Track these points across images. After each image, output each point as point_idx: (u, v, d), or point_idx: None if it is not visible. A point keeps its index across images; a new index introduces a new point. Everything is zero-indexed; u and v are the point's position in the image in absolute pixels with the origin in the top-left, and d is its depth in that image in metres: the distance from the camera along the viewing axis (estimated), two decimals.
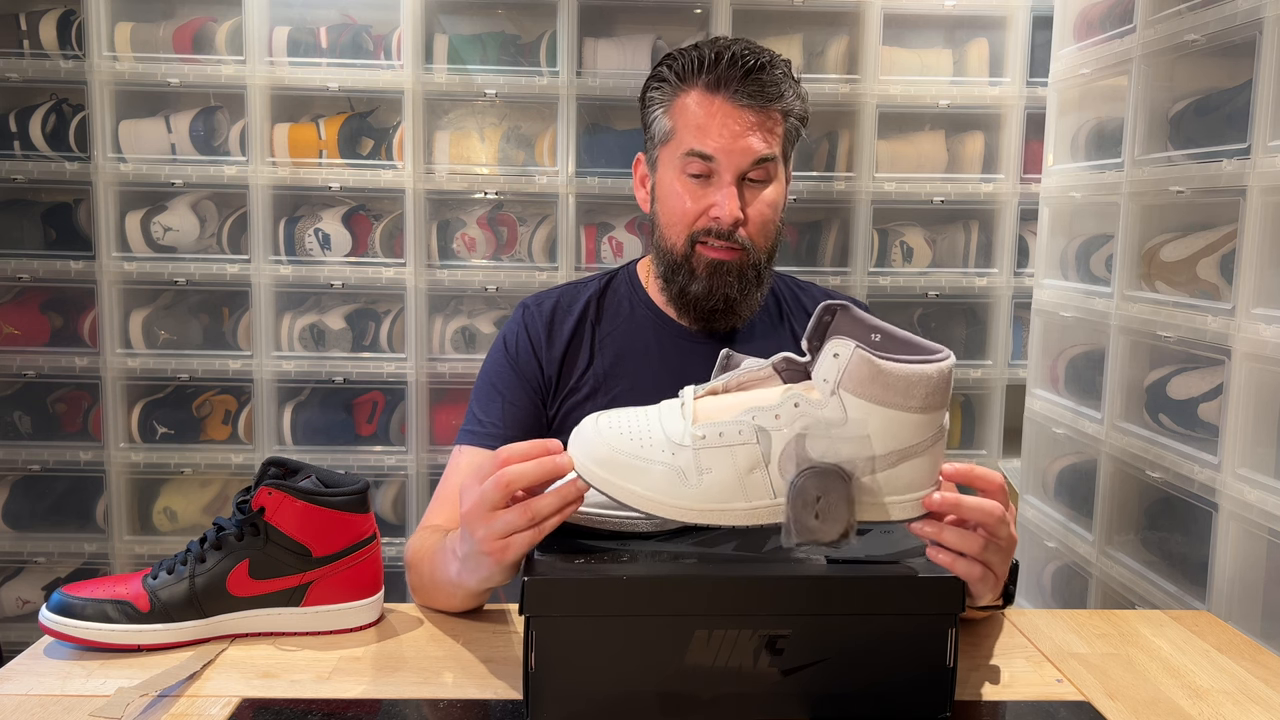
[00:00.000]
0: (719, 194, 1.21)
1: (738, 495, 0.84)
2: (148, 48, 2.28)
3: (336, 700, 0.92)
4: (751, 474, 0.84)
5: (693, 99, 1.21)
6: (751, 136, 1.20)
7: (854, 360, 0.80)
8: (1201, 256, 1.57)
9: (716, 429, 0.83)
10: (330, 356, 2.34)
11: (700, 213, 1.22)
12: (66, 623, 0.98)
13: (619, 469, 0.85)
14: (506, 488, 0.88)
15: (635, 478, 0.85)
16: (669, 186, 1.25)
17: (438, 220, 2.37)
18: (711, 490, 0.84)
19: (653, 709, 0.87)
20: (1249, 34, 1.42)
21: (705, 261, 1.23)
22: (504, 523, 0.88)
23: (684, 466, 0.84)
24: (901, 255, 2.40)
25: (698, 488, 0.84)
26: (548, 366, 1.30)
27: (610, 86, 2.30)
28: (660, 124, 1.25)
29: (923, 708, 0.88)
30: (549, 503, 0.88)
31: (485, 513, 0.89)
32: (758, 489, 0.84)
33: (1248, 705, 0.96)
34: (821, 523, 0.82)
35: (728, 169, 1.20)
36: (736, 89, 1.19)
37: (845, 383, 0.81)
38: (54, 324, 2.36)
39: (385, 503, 2.40)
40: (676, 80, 1.23)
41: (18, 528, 2.36)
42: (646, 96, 1.28)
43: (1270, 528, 1.33)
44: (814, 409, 0.82)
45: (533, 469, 0.88)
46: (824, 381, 0.81)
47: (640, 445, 0.85)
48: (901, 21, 2.37)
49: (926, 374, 0.81)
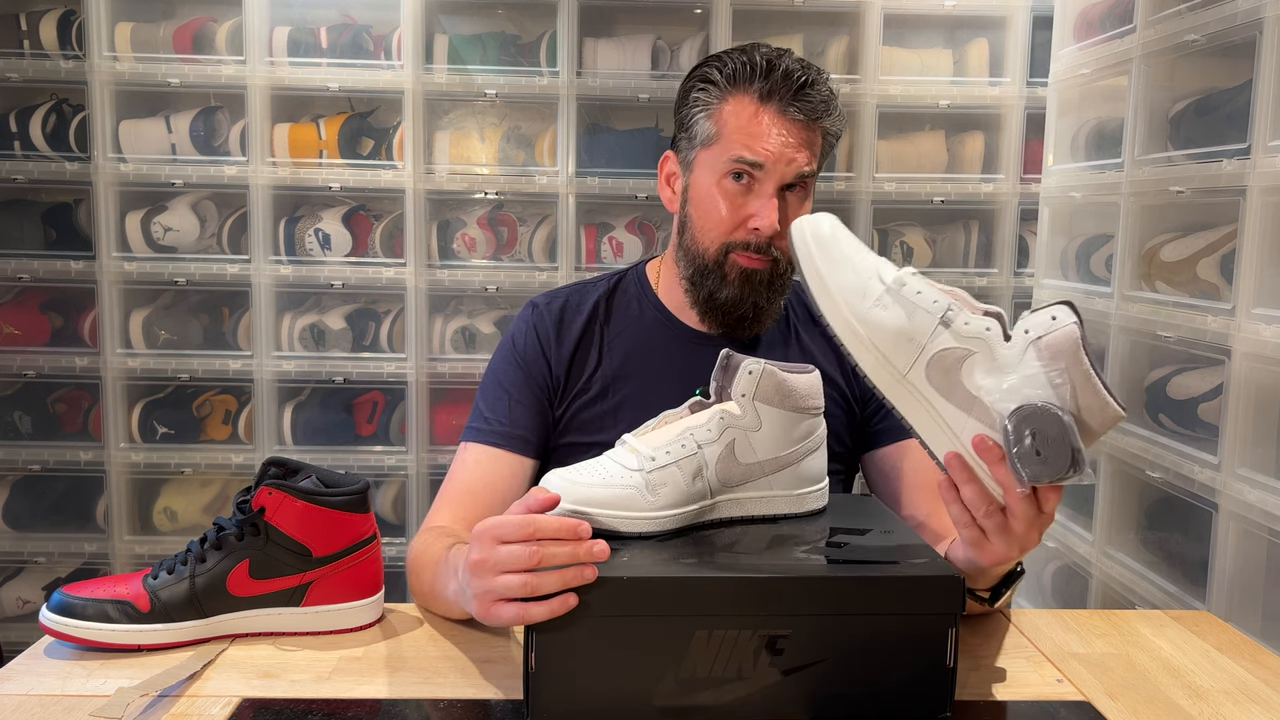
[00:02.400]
0: (759, 203, 1.19)
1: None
2: (148, 48, 2.28)
3: (336, 700, 0.92)
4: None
5: (743, 105, 1.20)
6: (799, 150, 1.19)
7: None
8: (1201, 256, 1.57)
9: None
10: (330, 356, 2.34)
11: (738, 222, 1.21)
12: (67, 623, 0.98)
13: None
14: (536, 564, 0.85)
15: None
16: (705, 190, 1.23)
17: (438, 220, 2.37)
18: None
19: (653, 710, 0.87)
20: (1249, 34, 1.42)
21: (739, 269, 1.22)
22: (504, 586, 0.86)
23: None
24: (901, 255, 2.40)
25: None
26: (556, 366, 1.30)
27: (610, 86, 2.30)
28: (702, 126, 1.22)
29: (923, 708, 0.89)
30: (552, 584, 0.85)
31: (491, 573, 0.87)
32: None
33: (1248, 705, 0.96)
34: (1045, 458, 0.84)
35: (771, 179, 1.19)
36: (789, 101, 1.18)
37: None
38: (54, 324, 2.36)
39: (385, 503, 2.40)
40: (726, 84, 1.21)
41: (18, 528, 2.36)
42: (689, 96, 1.25)
43: (1270, 528, 1.33)
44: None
45: (565, 554, 0.85)
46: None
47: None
48: (901, 21, 2.37)
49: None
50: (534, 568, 0.85)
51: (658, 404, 1.06)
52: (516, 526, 0.86)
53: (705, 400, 1.02)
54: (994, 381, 0.87)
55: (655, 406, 1.04)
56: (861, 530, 0.99)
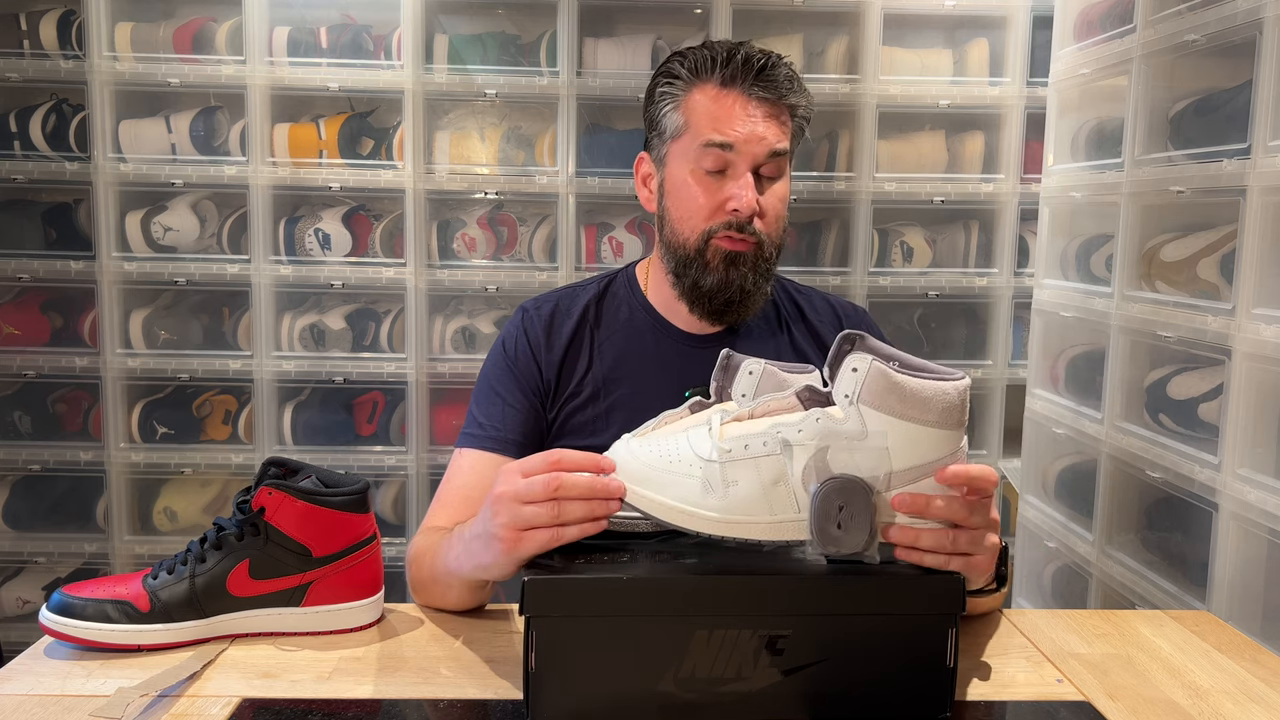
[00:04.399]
0: (735, 185, 1.21)
1: (762, 509, 0.86)
2: (148, 48, 2.28)
3: (336, 700, 0.92)
4: (776, 486, 0.86)
5: (707, 93, 1.22)
6: (767, 128, 1.21)
7: (871, 374, 0.82)
8: (1201, 256, 1.57)
9: (742, 442, 0.86)
10: (330, 356, 2.34)
11: (716, 207, 1.22)
12: (66, 623, 0.98)
13: (650, 483, 0.88)
14: (555, 491, 0.88)
15: (665, 490, 0.87)
16: (680, 180, 1.24)
17: (438, 220, 2.37)
18: (737, 502, 0.86)
19: (653, 709, 0.87)
20: (1249, 34, 1.42)
21: (721, 253, 1.23)
22: (530, 513, 0.89)
23: (711, 479, 0.86)
24: (901, 255, 2.40)
25: (724, 499, 0.86)
26: (547, 370, 1.30)
27: (610, 86, 2.30)
28: (671, 119, 1.24)
29: (923, 708, 0.89)
30: (578, 511, 0.88)
31: (517, 502, 0.90)
32: (782, 503, 0.86)
33: (1248, 705, 0.96)
34: (845, 533, 0.83)
35: (744, 159, 1.21)
36: (751, 84, 1.21)
37: (864, 396, 0.83)
38: (54, 324, 2.36)
39: (385, 503, 2.40)
40: (690, 76, 1.23)
41: (18, 528, 2.36)
42: (656, 93, 1.27)
43: (1270, 528, 1.33)
44: (835, 423, 0.84)
45: (585, 483, 0.89)
46: (844, 397, 0.84)
47: (671, 461, 0.88)
48: (901, 21, 2.37)
49: (943, 389, 0.83)
50: (555, 496, 0.88)
51: (649, 406, 1.06)
52: (540, 459, 0.91)
53: (705, 400, 1.02)
54: (857, 457, 0.84)
55: (647, 409, 1.04)
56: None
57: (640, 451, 0.90)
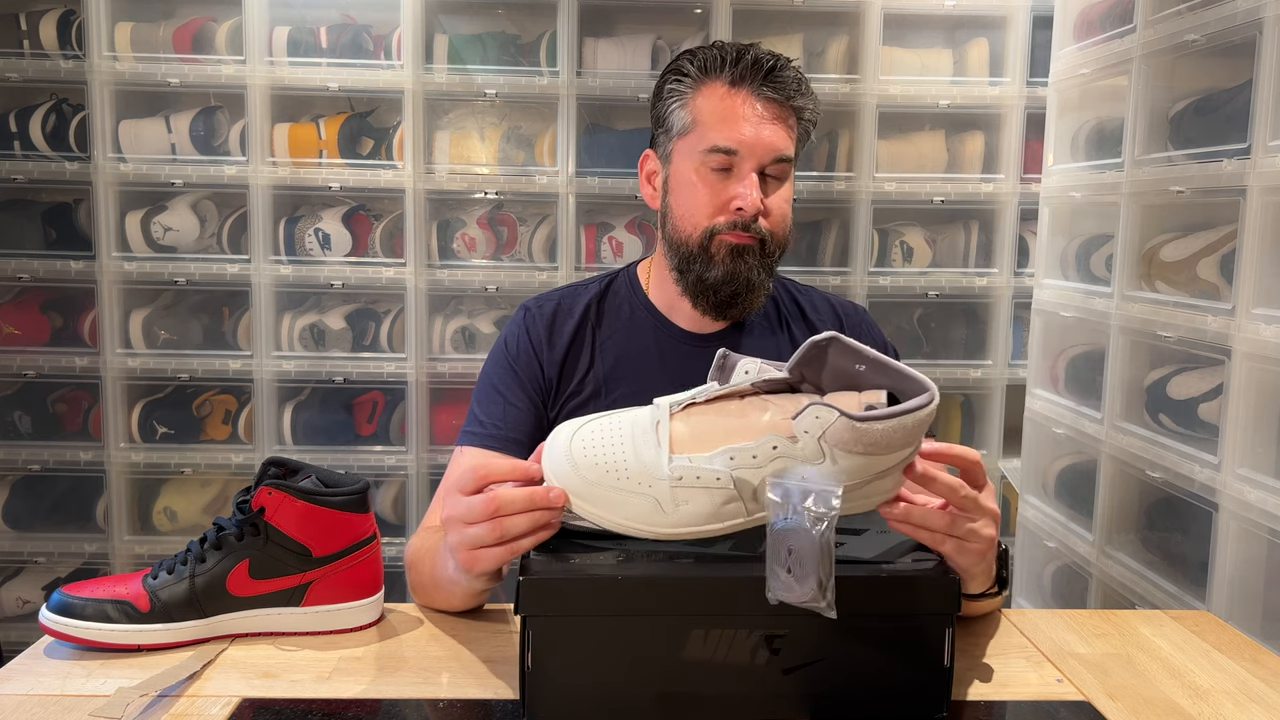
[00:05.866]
0: (740, 185, 1.21)
1: (714, 520, 0.87)
2: (148, 48, 2.29)
3: (336, 700, 0.92)
4: (727, 506, 0.87)
5: (716, 92, 1.22)
6: (773, 132, 1.21)
7: (836, 425, 0.81)
8: (1201, 256, 1.57)
9: (694, 472, 0.85)
10: (330, 356, 2.34)
11: (720, 206, 1.22)
12: (66, 623, 0.98)
13: (598, 501, 0.88)
14: (495, 510, 0.90)
15: (615, 509, 0.88)
16: (685, 178, 1.24)
17: (438, 220, 2.37)
18: (688, 517, 0.87)
19: (650, 709, 0.87)
20: (1249, 34, 1.42)
21: (726, 247, 1.23)
22: (475, 534, 0.91)
23: (662, 499, 0.86)
24: (901, 255, 2.40)
25: (674, 515, 0.87)
26: (548, 369, 1.30)
27: (610, 86, 2.30)
28: (678, 117, 1.25)
29: (920, 707, 0.89)
30: (521, 524, 0.90)
31: (462, 524, 0.92)
32: (734, 515, 0.87)
33: (1248, 705, 0.96)
34: (795, 578, 0.83)
35: (749, 161, 1.21)
36: (760, 84, 1.21)
37: (828, 437, 0.82)
38: (54, 324, 2.36)
39: (385, 503, 2.40)
40: (699, 74, 1.23)
41: (18, 528, 2.36)
42: (664, 90, 1.27)
43: (1270, 528, 1.33)
44: (791, 453, 0.83)
45: (523, 496, 0.89)
46: (805, 433, 0.82)
47: (617, 477, 0.87)
48: (901, 21, 2.37)
49: (905, 425, 0.82)
50: (496, 515, 0.90)
51: None
52: (471, 479, 0.92)
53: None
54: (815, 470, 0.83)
55: None
56: (858, 530, 0.99)
57: (581, 461, 0.88)
